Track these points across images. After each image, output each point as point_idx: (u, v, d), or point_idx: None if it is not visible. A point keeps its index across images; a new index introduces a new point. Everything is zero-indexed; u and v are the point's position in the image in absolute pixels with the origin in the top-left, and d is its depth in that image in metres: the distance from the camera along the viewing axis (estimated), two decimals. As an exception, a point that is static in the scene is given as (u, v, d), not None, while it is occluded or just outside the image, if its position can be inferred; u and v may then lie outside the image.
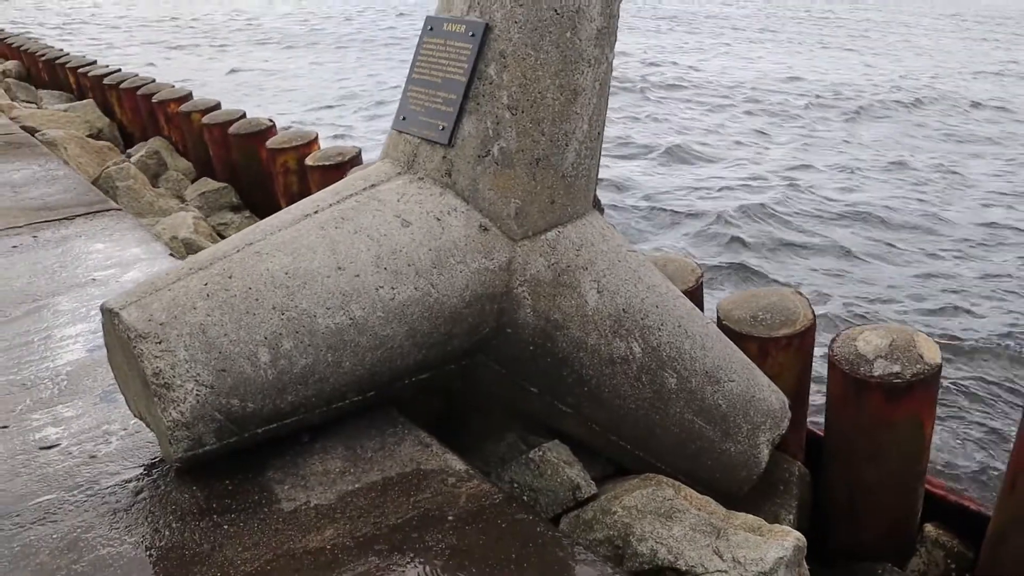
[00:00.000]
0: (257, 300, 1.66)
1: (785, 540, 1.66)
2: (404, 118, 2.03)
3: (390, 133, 2.10)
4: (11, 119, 5.87)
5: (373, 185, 1.94)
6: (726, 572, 1.61)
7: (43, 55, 9.09)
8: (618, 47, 2.08)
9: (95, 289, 2.76)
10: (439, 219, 1.85)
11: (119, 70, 7.45)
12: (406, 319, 1.78)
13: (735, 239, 7.56)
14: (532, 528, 1.63)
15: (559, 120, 1.88)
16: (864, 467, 2.24)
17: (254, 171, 4.64)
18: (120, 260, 3.04)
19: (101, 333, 2.25)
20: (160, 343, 1.58)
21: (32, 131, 5.44)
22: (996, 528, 2.13)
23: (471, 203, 1.88)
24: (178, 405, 1.58)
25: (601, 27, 1.92)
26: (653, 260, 2.58)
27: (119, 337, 1.64)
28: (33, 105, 7.50)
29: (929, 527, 2.42)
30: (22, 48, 10.03)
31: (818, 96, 15.57)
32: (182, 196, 5.03)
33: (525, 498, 1.98)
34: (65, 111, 6.68)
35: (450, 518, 1.64)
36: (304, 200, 1.97)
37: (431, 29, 2.03)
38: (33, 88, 8.81)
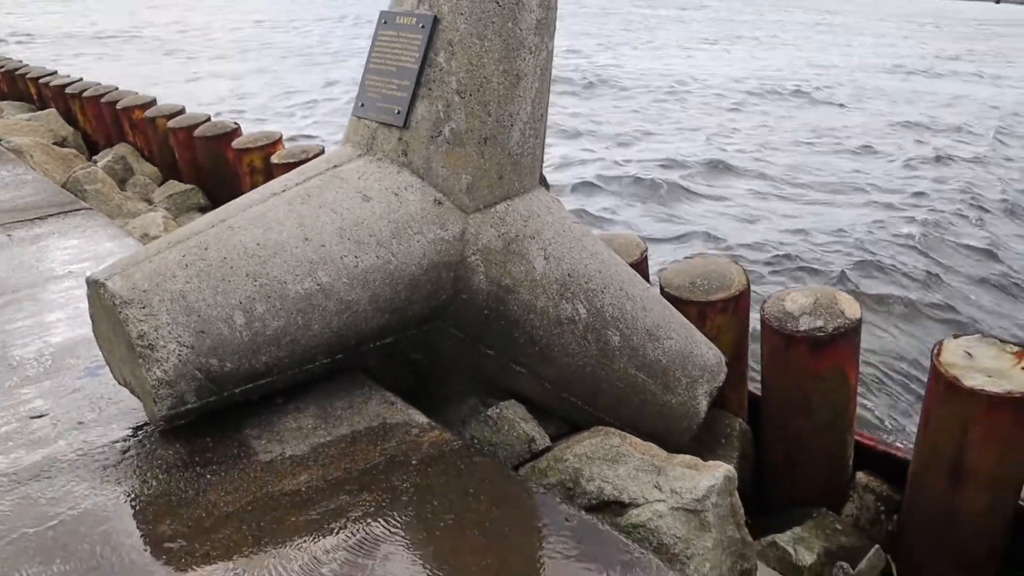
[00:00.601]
0: (232, 268, 1.82)
1: (716, 471, 1.85)
2: (363, 104, 2.20)
3: (350, 119, 2.27)
4: (-25, 129, 5.92)
5: (336, 166, 2.10)
6: (664, 501, 1.80)
7: (1, 66, 9.10)
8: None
9: (72, 281, 2.89)
10: (397, 194, 2.02)
11: (80, 79, 7.51)
12: (368, 285, 1.94)
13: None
14: (488, 468, 1.80)
15: (504, 102, 2.06)
16: (796, 418, 2.44)
17: (221, 172, 4.76)
18: (94, 254, 3.16)
19: (81, 319, 2.39)
20: (144, 308, 1.73)
21: (-4, 140, 5.50)
22: (914, 470, 2.34)
23: (426, 179, 2.06)
24: (161, 364, 1.73)
25: (540, 18, 2.10)
26: (602, 236, 2.77)
27: (104, 306, 1.79)
28: (-6, 116, 7.52)
29: (860, 475, 2.62)
30: (-20, 61, 10.00)
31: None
32: (150, 199, 5.13)
33: (486, 453, 2.15)
34: (28, 120, 6.74)
35: (414, 462, 1.80)
36: (272, 181, 2.13)
37: (385, 22, 2.20)
38: (-7, 100, 8.81)
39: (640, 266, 2.67)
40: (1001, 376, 2.07)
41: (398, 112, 2.08)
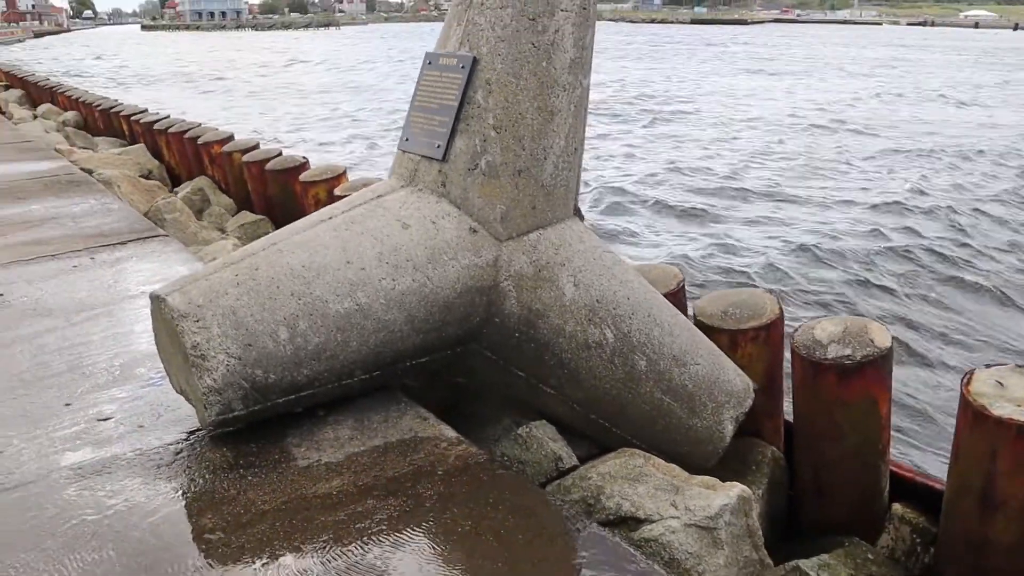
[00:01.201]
0: (278, 288, 1.97)
1: (731, 491, 1.90)
2: (407, 139, 2.35)
3: (396, 153, 2.43)
4: (71, 162, 6.36)
5: (380, 196, 2.26)
6: (677, 518, 1.86)
7: (99, 105, 9.73)
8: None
9: (144, 300, 3.11)
10: (434, 222, 2.16)
11: (167, 116, 7.98)
12: (405, 306, 2.08)
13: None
14: (509, 480, 1.90)
15: (538, 137, 2.19)
16: (825, 446, 2.46)
17: (289, 203, 5.01)
18: (166, 276, 3.39)
19: (149, 335, 2.59)
20: (198, 321, 1.89)
21: (89, 172, 5.91)
22: (947, 500, 2.33)
23: (463, 209, 2.19)
24: (211, 373, 1.89)
25: (574, 57, 2.23)
26: (639, 267, 2.85)
27: (164, 319, 1.97)
28: (89, 150, 8.05)
29: (897, 506, 2.61)
30: (79, 99, 10.72)
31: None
32: (223, 228, 5.43)
33: (514, 469, 2.24)
34: (119, 154, 7.20)
35: (440, 472, 1.91)
36: (322, 209, 2.30)
37: (430, 63, 2.35)
38: (89, 136, 9.41)
39: (676, 295, 2.74)
40: (1030, 407, 2.07)
41: (438, 146, 2.22)
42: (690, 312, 2.73)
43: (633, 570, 1.58)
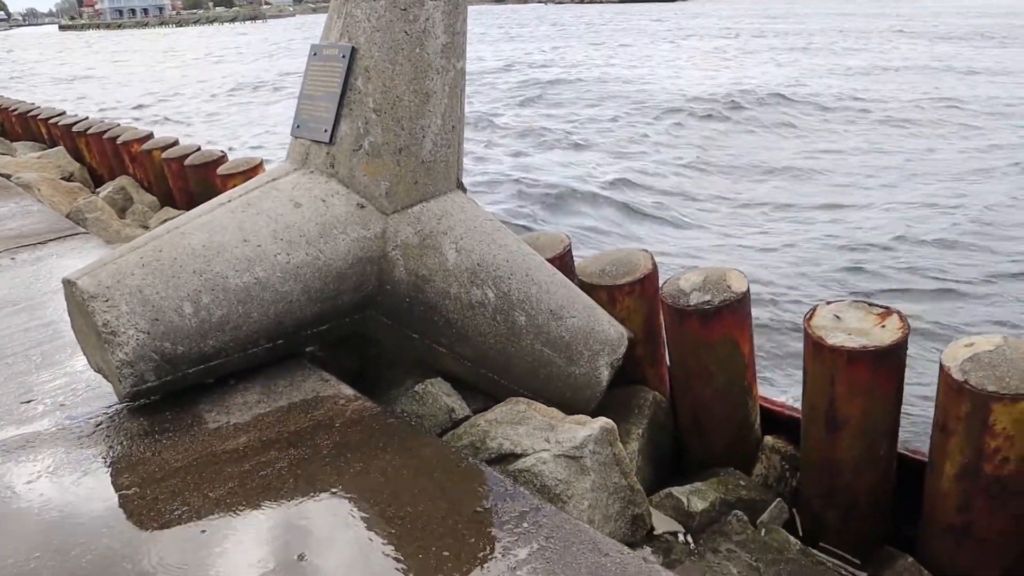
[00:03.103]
0: (181, 266, 2.16)
1: (595, 424, 2.15)
2: (298, 126, 2.54)
3: (291, 140, 2.61)
4: (-13, 167, 6.35)
5: (274, 179, 2.45)
6: (548, 450, 2.10)
7: (15, 109, 9.59)
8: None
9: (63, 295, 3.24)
10: (324, 200, 2.36)
11: (87, 118, 7.95)
12: (300, 278, 2.27)
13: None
14: (400, 427, 2.12)
15: (415, 118, 2.40)
16: (698, 386, 2.73)
17: (209, 197, 5.09)
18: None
19: (67, 326, 2.75)
20: (107, 301, 2.07)
21: (7, 176, 5.93)
22: (803, 426, 2.62)
23: (350, 187, 2.39)
24: (123, 347, 2.06)
25: (446, 43, 2.44)
26: (528, 236, 3.08)
27: (76, 301, 2.13)
28: (7, 155, 7.98)
29: (768, 438, 2.90)
30: (-5, 105, 10.52)
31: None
32: (147, 225, 5.51)
33: (412, 423, 2.46)
34: (38, 158, 7.18)
35: (337, 424, 2.12)
36: (221, 195, 2.48)
37: (315, 54, 2.54)
38: (7, 141, 9.29)
39: (563, 259, 2.97)
40: (862, 334, 2.36)
41: (325, 130, 2.42)
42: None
43: (501, 491, 1.82)
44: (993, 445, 2.08)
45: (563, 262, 2.95)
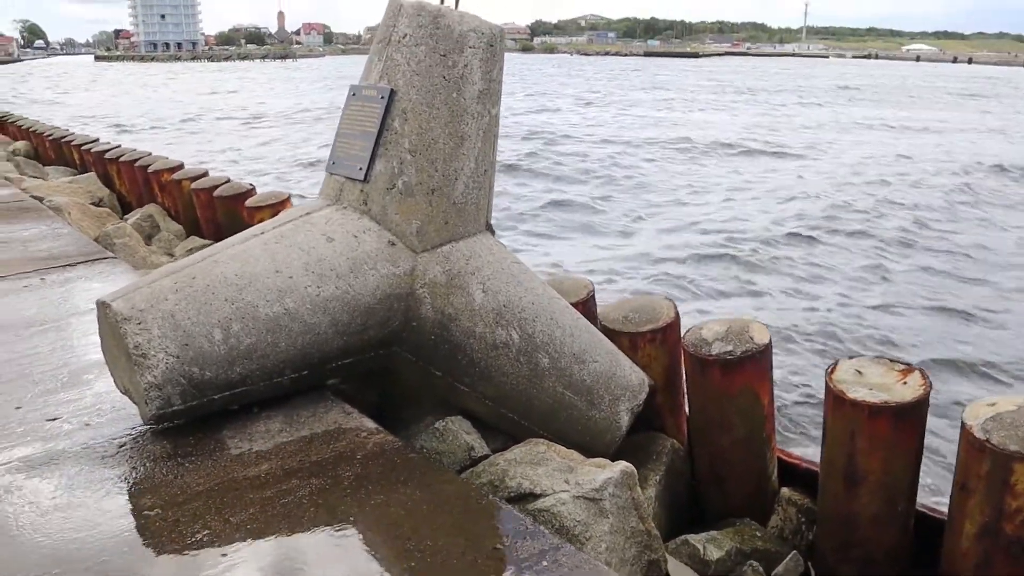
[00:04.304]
0: (213, 294, 2.20)
1: (615, 467, 2.16)
2: (334, 163, 2.60)
3: (325, 176, 2.67)
4: (21, 189, 6.49)
5: (308, 213, 2.50)
6: (567, 491, 2.11)
7: (50, 135, 9.82)
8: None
9: (92, 316, 3.29)
10: (356, 236, 2.41)
11: (119, 146, 8.13)
12: (329, 311, 2.31)
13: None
14: (420, 462, 2.14)
15: (450, 160, 2.46)
16: (717, 435, 2.74)
17: (236, 228, 5.20)
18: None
19: (96, 346, 2.79)
20: (140, 324, 2.11)
21: (39, 199, 6.05)
22: (821, 480, 2.61)
23: (382, 224, 2.44)
24: (152, 370, 2.10)
25: (482, 89, 2.51)
26: (552, 279, 3.12)
27: (109, 323, 2.18)
28: (40, 179, 8.15)
29: (785, 490, 2.89)
30: (30, 129, 10.78)
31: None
32: (172, 253, 5.60)
33: (432, 459, 2.47)
34: (69, 182, 7.33)
35: (359, 457, 2.14)
36: (255, 226, 2.53)
37: (354, 95, 2.62)
38: (40, 165, 9.49)
39: (587, 304, 3.00)
40: (883, 390, 2.37)
41: (360, 168, 2.47)
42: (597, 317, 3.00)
43: (521, 529, 1.83)
44: (1015, 505, 2.07)
45: (586, 307, 2.98)
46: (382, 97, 2.47)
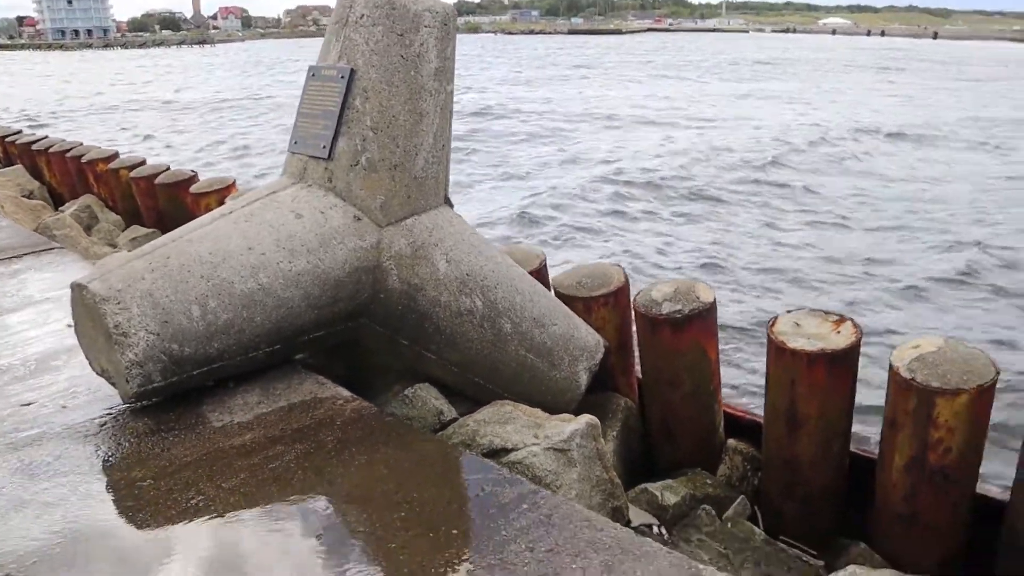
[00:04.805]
0: (189, 272, 2.27)
1: (580, 419, 2.31)
2: (296, 142, 2.68)
3: (287, 156, 2.75)
4: (-54, 184, 6.31)
5: (274, 192, 2.58)
6: (538, 444, 2.25)
7: (-33, 128, 9.47)
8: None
9: (50, 304, 3.31)
10: (323, 212, 2.50)
11: (46, 137, 7.92)
12: (301, 285, 2.40)
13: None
14: (396, 425, 2.25)
15: (410, 136, 2.56)
16: (668, 391, 2.92)
17: (180, 215, 5.18)
18: (66, 284, 3.53)
19: (59, 333, 2.82)
20: (119, 303, 2.17)
21: (-32, 193, 5.90)
22: (764, 426, 2.82)
23: (347, 200, 2.53)
24: (133, 348, 2.17)
25: (438, 67, 2.61)
26: (506, 248, 3.25)
27: (86, 305, 2.23)
28: (-38, 174, 7.89)
29: (731, 441, 3.10)
30: (-55, 123, 10.37)
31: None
32: (114, 243, 5.54)
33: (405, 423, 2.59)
34: (-4, 176, 7.13)
35: (338, 423, 2.25)
36: (220, 207, 2.60)
37: (313, 75, 2.69)
38: (-41, 160, 9.16)
39: (539, 272, 3.15)
40: (820, 339, 2.57)
41: (324, 147, 2.56)
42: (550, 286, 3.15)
43: (497, 478, 1.96)
44: (936, 436, 2.30)
45: (540, 275, 3.13)
46: (342, 77, 2.56)
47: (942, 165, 16.32)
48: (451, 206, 2.77)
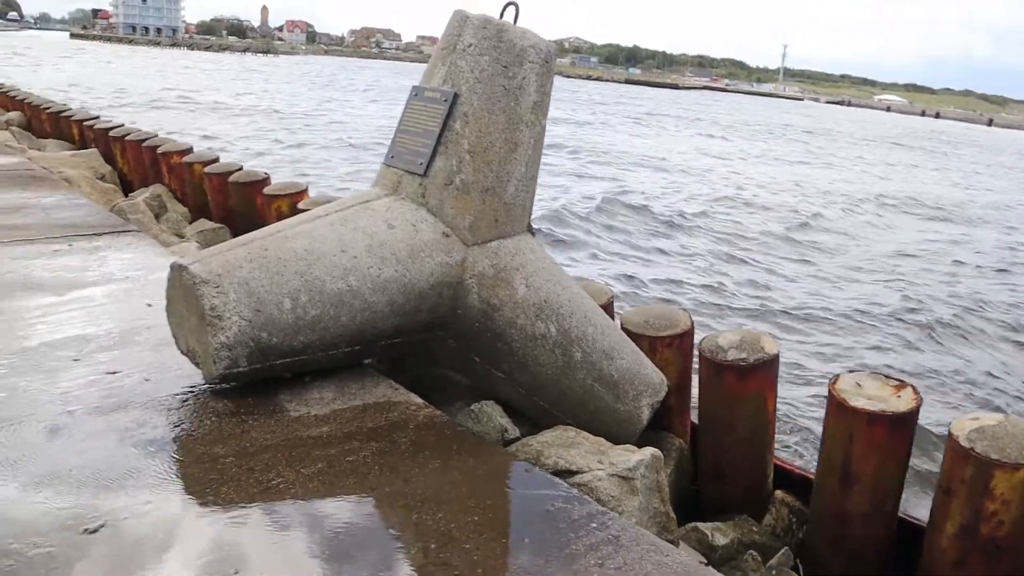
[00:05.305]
0: (285, 266, 2.37)
1: (646, 451, 2.36)
2: (392, 156, 2.79)
3: (381, 168, 2.86)
4: (27, 159, 6.55)
5: (367, 201, 2.68)
6: (603, 469, 2.31)
7: (47, 108, 9.82)
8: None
9: (129, 284, 3.44)
10: (414, 225, 2.59)
11: (122, 124, 8.19)
12: (387, 292, 2.49)
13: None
14: (468, 435, 2.32)
15: (503, 163, 2.66)
16: (724, 435, 2.96)
17: (250, 214, 5.35)
18: (145, 265, 3.72)
19: (137, 312, 2.94)
20: (217, 287, 2.27)
21: (47, 170, 6.12)
22: (816, 479, 2.84)
23: (438, 217, 2.63)
24: (225, 331, 2.26)
25: (536, 101, 2.72)
26: (577, 280, 3.33)
27: (185, 285, 2.34)
28: (38, 151, 8.18)
29: (779, 492, 3.12)
30: (25, 100, 10.76)
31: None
32: (181, 234, 5.71)
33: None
34: (72, 156, 7.38)
35: (411, 426, 2.32)
36: (315, 209, 2.71)
37: (416, 95, 2.81)
38: (34, 137, 9.49)
39: (607, 308, 3.22)
40: (880, 401, 2.61)
41: (421, 163, 2.66)
42: (617, 322, 3.22)
43: (566, 496, 2.02)
44: (992, 508, 2.32)
45: (608, 310, 3.20)
46: (445, 100, 2.67)
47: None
48: (533, 234, 2.86)
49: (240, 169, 5.76)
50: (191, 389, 2.44)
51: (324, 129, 27.52)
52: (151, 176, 6.90)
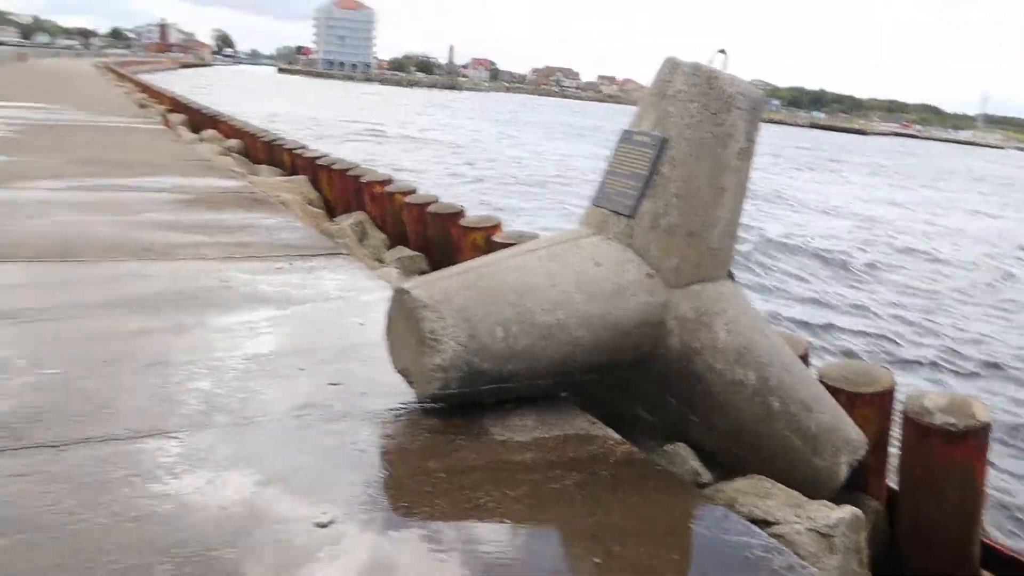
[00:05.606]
0: (499, 296, 2.51)
1: (847, 509, 2.30)
2: (600, 196, 2.89)
3: (588, 207, 2.97)
4: (248, 183, 7.22)
5: (576, 239, 2.80)
6: (801, 523, 2.27)
7: (261, 137, 10.78)
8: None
9: (342, 303, 3.72)
10: (620, 264, 2.68)
11: (328, 155, 8.86)
12: (592, 327, 2.58)
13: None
14: (666, 476, 2.36)
15: (709, 208, 2.69)
16: (928, 503, 2.82)
17: (445, 245, 5.64)
18: (356, 287, 4.01)
19: (354, 332, 3.17)
20: (436, 312, 2.44)
21: (266, 194, 6.72)
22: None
23: (643, 257, 2.70)
24: (442, 354, 2.42)
25: (743, 147, 2.74)
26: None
27: (406, 308, 2.52)
28: (254, 176, 8.98)
29: (986, 573, 2.93)
30: (242, 129, 11.85)
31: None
32: (381, 259, 6.09)
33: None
34: (285, 181, 8.06)
35: (611, 461, 2.38)
36: (526, 244, 2.85)
37: (625, 139, 2.90)
38: (250, 163, 10.43)
39: (803, 359, 3.15)
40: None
41: (628, 205, 2.75)
42: (814, 373, 3.15)
43: (767, 545, 2.01)
44: None
45: (804, 362, 3.13)
46: (654, 144, 2.75)
47: None
48: (734, 280, 2.86)
49: (436, 201, 6.08)
50: (403, 406, 2.62)
51: (504, 162, 28.47)
52: (353, 203, 7.41)
